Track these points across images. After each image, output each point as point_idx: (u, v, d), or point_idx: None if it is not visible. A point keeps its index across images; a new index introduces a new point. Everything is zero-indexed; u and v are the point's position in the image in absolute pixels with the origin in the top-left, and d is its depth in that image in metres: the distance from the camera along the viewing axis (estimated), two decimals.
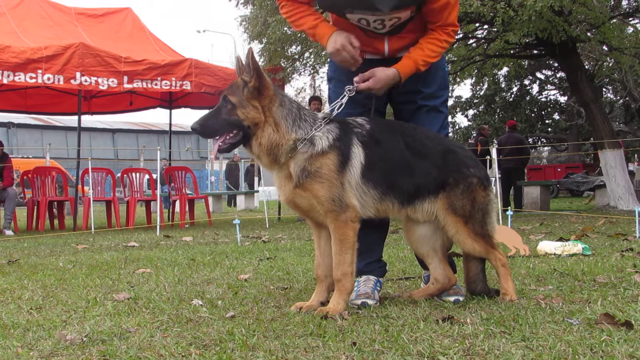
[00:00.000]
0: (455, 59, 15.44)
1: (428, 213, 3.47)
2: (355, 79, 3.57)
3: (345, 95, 3.58)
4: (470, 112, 33.38)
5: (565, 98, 32.59)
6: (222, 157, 32.66)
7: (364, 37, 3.62)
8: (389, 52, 3.68)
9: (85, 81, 10.80)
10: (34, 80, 10.50)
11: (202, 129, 3.30)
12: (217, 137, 3.32)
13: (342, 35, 3.55)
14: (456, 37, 3.76)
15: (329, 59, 3.86)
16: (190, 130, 3.42)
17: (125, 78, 11.20)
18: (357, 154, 3.31)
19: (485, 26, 15.25)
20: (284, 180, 3.34)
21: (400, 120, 3.83)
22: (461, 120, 35.11)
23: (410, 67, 3.58)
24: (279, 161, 3.30)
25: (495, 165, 12.03)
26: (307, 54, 16.78)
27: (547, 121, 34.95)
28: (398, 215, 3.55)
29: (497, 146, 15.58)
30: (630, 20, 17.58)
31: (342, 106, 3.55)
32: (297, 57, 16.61)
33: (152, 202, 13.68)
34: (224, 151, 3.35)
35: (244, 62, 3.33)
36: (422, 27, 3.64)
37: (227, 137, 3.29)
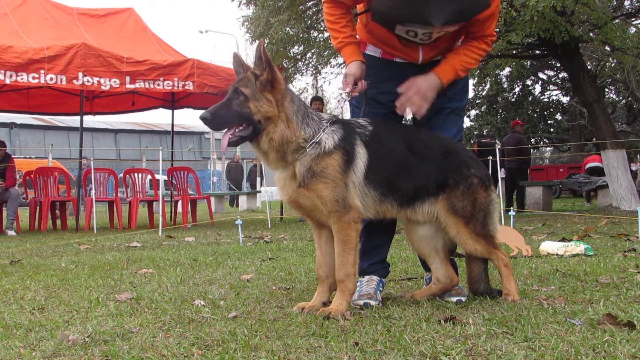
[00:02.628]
0: None
1: (428, 214, 3.47)
2: (398, 103, 3.58)
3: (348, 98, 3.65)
4: (473, 112, 33.39)
5: (568, 98, 32.56)
6: (224, 157, 32.74)
7: (398, 45, 3.63)
8: (423, 60, 3.69)
9: (88, 81, 10.81)
10: (36, 81, 10.51)
11: (213, 119, 3.20)
12: (226, 130, 3.24)
13: (350, 68, 3.59)
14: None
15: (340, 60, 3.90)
16: (192, 131, 3.39)
17: (128, 78, 11.20)
18: (361, 155, 3.30)
19: None
20: (288, 179, 3.31)
21: (419, 121, 3.84)
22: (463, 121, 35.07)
23: (450, 73, 3.60)
24: (286, 159, 3.28)
25: (497, 165, 12.01)
26: (309, 54, 16.78)
27: (549, 121, 34.95)
28: (397, 216, 3.55)
29: (500, 146, 15.56)
30: (633, 21, 17.56)
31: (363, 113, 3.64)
32: (299, 57, 16.62)
33: (154, 203, 13.70)
34: (233, 144, 3.25)
35: (243, 60, 3.33)
36: (455, 37, 3.66)
37: (237, 130, 3.22)
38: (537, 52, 17.26)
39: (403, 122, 3.87)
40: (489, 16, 3.51)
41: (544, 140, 35.18)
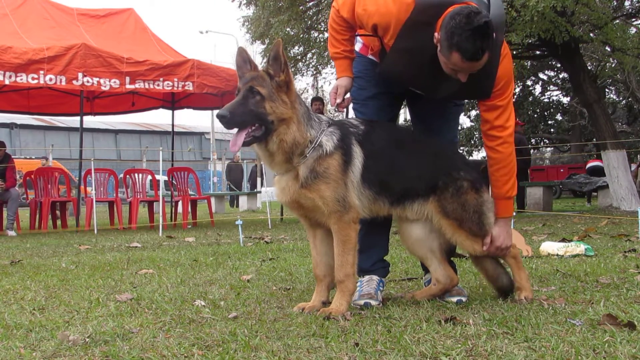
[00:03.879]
0: None
1: (418, 213, 3.48)
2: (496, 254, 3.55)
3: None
4: (473, 112, 33.36)
5: (568, 99, 32.55)
6: (224, 157, 32.77)
7: None
8: None
9: (88, 82, 10.81)
10: (36, 81, 10.51)
11: (231, 117, 3.12)
12: (239, 129, 3.17)
13: (342, 82, 3.69)
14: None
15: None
16: (192, 131, 3.35)
17: (128, 79, 11.20)
18: (357, 154, 3.32)
19: None
20: (290, 181, 3.30)
21: (420, 111, 3.86)
22: (464, 121, 35.05)
23: (508, 206, 3.62)
24: (291, 161, 3.26)
25: None
26: (309, 55, 16.80)
27: (549, 122, 34.93)
28: (388, 214, 3.55)
29: None
30: (633, 21, 17.56)
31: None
32: (299, 57, 16.64)
33: (154, 203, 13.70)
34: (247, 144, 3.19)
35: (249, 56, 3.32)
36: None
37: (250, 130, 3.17)
38: (538, 52, 17.25)
39: None
40: (495, 107, 3.49)
41: (545, 140, 35.17)
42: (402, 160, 3.44)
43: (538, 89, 34.22)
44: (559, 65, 24.82)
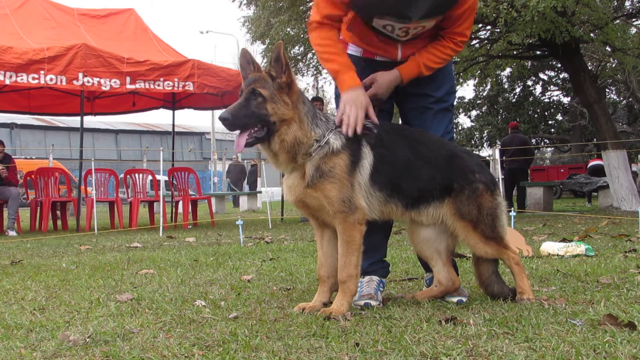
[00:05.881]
0: (458, 59, 15.41)
1: (433, 217, 3.47)
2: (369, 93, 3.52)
3: None
4: (473, 112, 33.38)
5: (569, 99, 32.56)
6: (224, 158, 32.77)
7: (377, 42, 3.64)
8: (402, 57, 3.68)
9: (88, 82, 10.82)
10: (36, 81, 10.52)
11: (234, 120, 3.15)
12: (241, 131, 3.20)
13: (359, 96, 3.44)
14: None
15: None
16: (192, 131, 3.35)
17: (128, 79, 11.22)
18: (367, 155, 3.31)
19: (488, 27, 15.24)
20: (297, 179, 3.31)
21: (406, 121, 3.84)
22: (464, 121, 35.14)
23: (413, 70, 3.60)
24: (296, 160, 3.27)
25: (498, 166, 12.01)
26: (309, 55, 16.80)
27: (550, 122, 34.92)
28: (402, 218, 3.55)
29: (500, 147, 15.57)
30: (634, 21, 17.57)
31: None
32: (300, 57, 16.65)
33: (155, 203, 13.70)
34: (249, 145, 3.22)
35: (252, 58, 3.32)
36: (432, 36, 3.65)
37: (252, 131, 3.20)
38: (538, 52, 17.26)
39: None
40: (463, 12, 3.48)
41: (545, 140, 35.17)
42: (416, 162, 3.42)
43: (538, 89, 34.29)
44: (559, 65, 24.85)
